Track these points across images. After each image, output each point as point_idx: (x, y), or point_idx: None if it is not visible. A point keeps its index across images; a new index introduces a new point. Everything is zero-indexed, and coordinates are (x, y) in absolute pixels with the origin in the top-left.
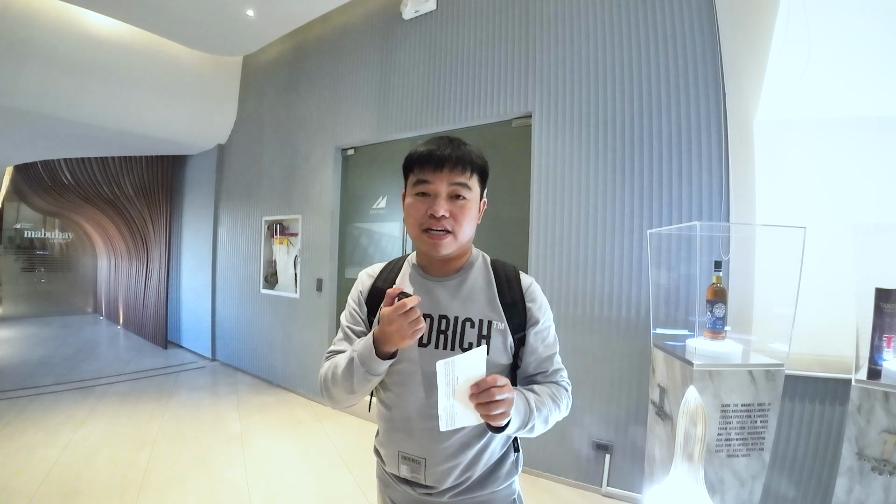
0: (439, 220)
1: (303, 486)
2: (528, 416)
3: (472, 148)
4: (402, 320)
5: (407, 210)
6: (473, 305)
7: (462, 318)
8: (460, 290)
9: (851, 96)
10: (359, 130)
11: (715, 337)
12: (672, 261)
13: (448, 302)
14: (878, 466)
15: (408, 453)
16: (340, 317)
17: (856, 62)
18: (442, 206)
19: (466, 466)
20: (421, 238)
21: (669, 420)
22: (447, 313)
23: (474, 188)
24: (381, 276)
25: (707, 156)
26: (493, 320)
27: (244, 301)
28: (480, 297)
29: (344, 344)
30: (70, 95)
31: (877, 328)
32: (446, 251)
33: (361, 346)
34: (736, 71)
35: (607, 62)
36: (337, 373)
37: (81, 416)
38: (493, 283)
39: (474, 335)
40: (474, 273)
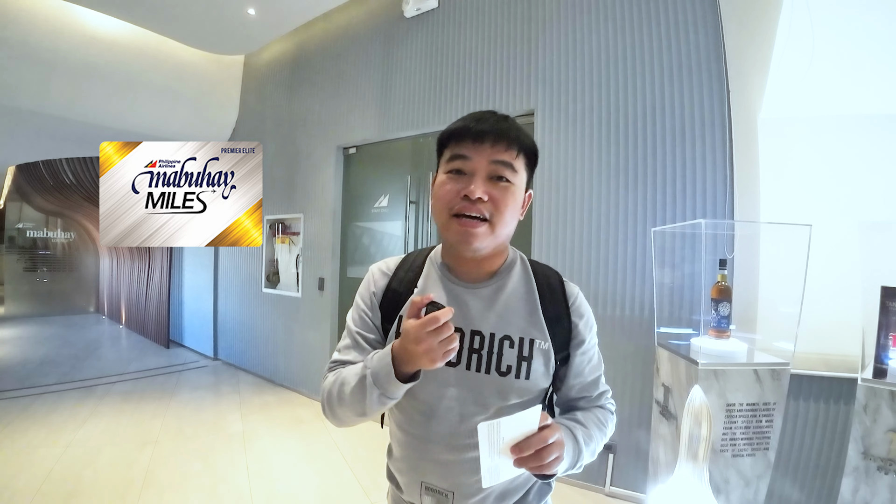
0: (474, 204)
1: (305, 486)
2: (577, 456)
3: (520, 128)
4: (433, 339)
5: (436, 191)
6: (512, 320)
7: (499, 336)
8: (496, 299)
9: (856, 93)
10: (360, 129)
11: (720, 336)
12: (676, 259)
13: (482, 314)
14: (884, 466)
15: (433, 485)
16: (347, 317)
17: (860, 59)
18: (480, 187)
19: (500, 496)
20: (450, 225)
21: (674, 419)
22: (481, 329)
23: (520, 171)
24: (397, 274)
25: (711, 153)
26: (535, 338)
27: (246, 300)
28: (520, 309)
29: (352, 353)
30: (71, 95)
31: (883, 326)
32: (480, 244)
33: (377, 364)
34: (740, 68)
35: (610, 59)
36: (344, 391)
37: (83, 416)
38: (534, 291)
39: (513, 356)
40: (513, 279)
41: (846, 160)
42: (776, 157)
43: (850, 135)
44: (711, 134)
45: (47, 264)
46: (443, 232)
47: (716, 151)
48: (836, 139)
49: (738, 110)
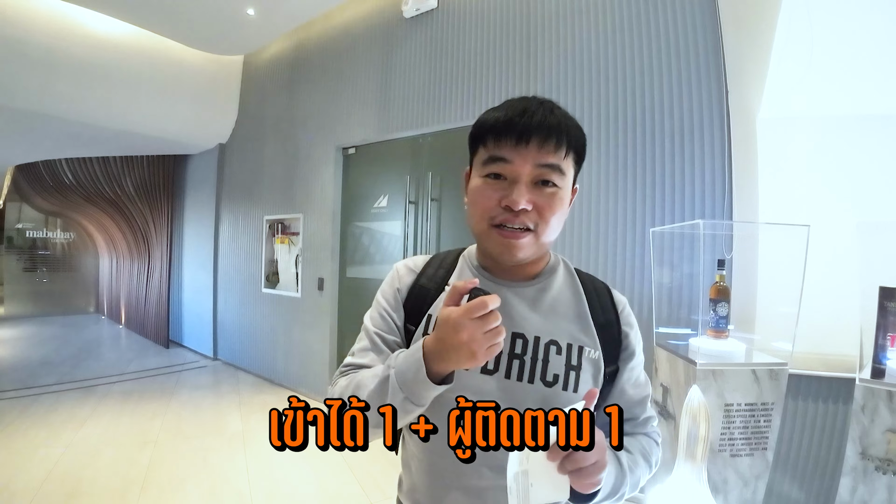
0: (518, 216)
1: (304, 486)
2: (620, 482)
3: (567, 114)
4: (477, 328)
5: (472, 196)
6: (560, 323)
7: (545, 340)
8: (541, 300)
9: (855, 93)
10: (360, 129)
11: (718, 336)
12: (675, 259)
13: (525, 315)
14: (882, 466)
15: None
16: (364, 318)
17: (859, 58)
18: (523, 196)
19: None
20: (489, 235)
21: (672, 419)
22: (524, 331)
23: (568, 172)
24: (425, 271)
25: (710, 153)
26: (585, 346)
27: (246, 300)
28: (569, 312)
29: (369, 356)
30: (71, 95)
31: (881, 327)
32: (523, 255)
33: (404, 362)
34: (738, 68)
35: (609, 60)
36: (360, 395)
37: (83, 416)
38: (582, 295)
39: (561, 365)
40: (558, 280)
41: (845, 160)
42: (775, 157)
43: (849, 135)
44: (710, 134)
45: (47, 264)
46: (480, 240)
47: (714, 151)
48: (834, 139)
49: (736, 110)
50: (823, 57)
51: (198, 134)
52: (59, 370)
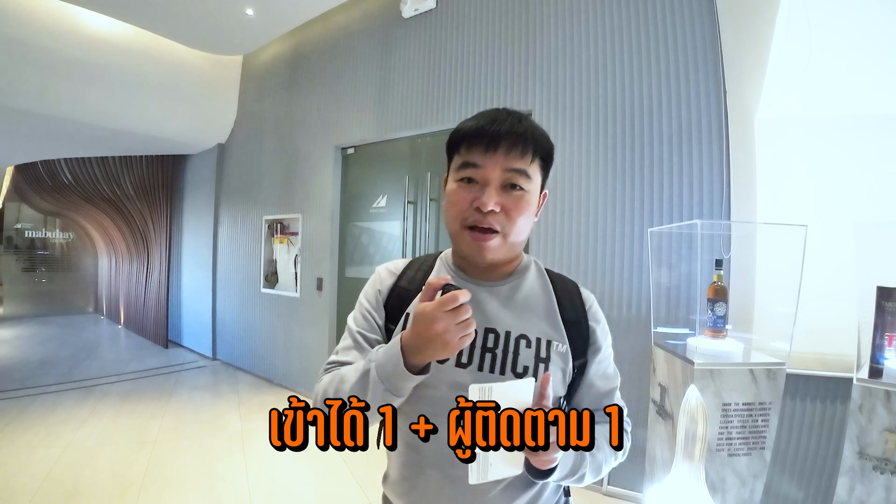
0: (486, 216)
1: (303, 486)
2: (579, 463)
3: (534, 124)
4: (450, 320)
5: (448, 199)
6: (530, 319)
7: (515, 335)
8: (513, 298)
9: (853, 93)
10: (359, 129)
11: (716, 335)
12: (673, 259)
13: (498, 312)
14: (880, 465)
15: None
16: (348, 319)
17: (857, 59)
18: (492, 198)
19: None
20: (462, 236)
21: (670, 419)
22: (496, 326)
23: (535, 177)
24: (405, 274)
25: (708, 153)
26: (553, 340)
27: (245, 300)
28: (538, 309)
29: (352, 354)
30: (70, 95)
31: (878, 327)
32: (493, 256)
33: (383, 356)
34: (737, 68)
35: (608, 60)
36: (343, 389)
37: (82, 416)
38: (552, 293)
39: (531, 357)
40: (529, 280)
41: (842, 160)
42: (773, 157)
43: (847, 135)
44: (708, 134)
45: (46, 264)
46: (454, 241)
47: (712, 152)
48: (832, 139)
49: (734, 111)
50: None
51: (197, 134)
52: (58, 370)
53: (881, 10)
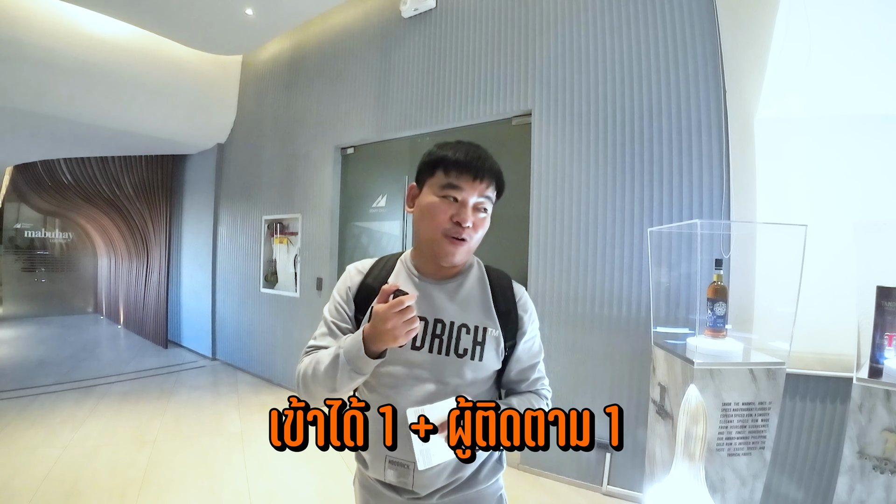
0: (463, 230)
1: (303, 486)
2: None
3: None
4: (397, 319)
5: (428, 209)
6: (469, 311)
7: (458, 324)
8: (457, 294)
9: (853, 93)
10: (358, 129)
11: (716, 335)
12: (673, 259)
13: (444, 305)
14: (880, 465)
15: (396, 458)
16: (323, 310)
17: (857, 59)
18: (470, 217)
19: (456, 468)
20: (439, 241)
21: (670, 419)
22: (443, 317)
23: (491, 204)
24: (371, 272)
25: (707, 153)
26: (488, 327)
27: (244, 300)
28: (476, 303)
29: (327, 339)
30: (69, 95)
31: (878, 326)
32: (459, 259)
33: (349, 344)
34: (736, 68)
35: (607, 60)
36: (319, 369)
37: (82, 416)
38: (488, 289)
39: (469, 341)
40: (471, 278)
41: (842, 160)
42: (772, 157)
43: (847, 135)
44: (708, 134)
45: (45, 264)
46: (429, 245)
47: (712, 151)
48: (832, 139)
49: (734, 110)
50: (821, 57)
51: (196, 134)
52: (58, 370)
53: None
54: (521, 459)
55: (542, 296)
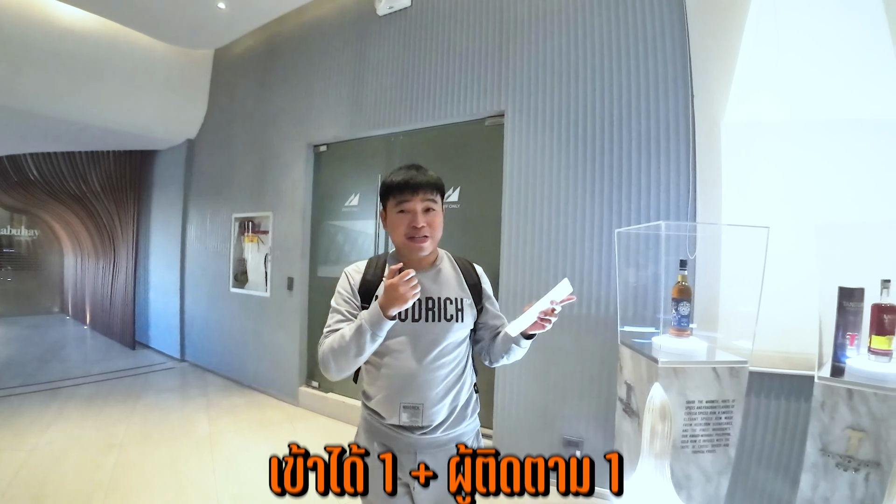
0: (420, 230)
1: None
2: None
3: (431, 172)
4: (406, 286)
5: (392, 224)
6: (448, 288)
7: (443, 298)
8: (438, 278)
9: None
10: (331, 127)
11: (680, 334)
12: (640, 260)
13: (431, 287)
14: (843, 462)
15: (409, 402)
16: (332, 304)
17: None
18: (421, 219)
19: (451, 402)
20: (406, 244)
21: (636, 416)
22: (432, 295)
23: (438, 202)
24: (367, 271)
25: (675, 156)
26: (463, 298)
27: (214, 300)
28: (452, 282)
29: (343, 324)
30: (36, 88)
31: (840, 326)
32: (427, 252)
33: (369, 314)
34: (705, 73)
35: (579, 63)
36: (344, 340)
37: (48, 419)
38: (459, 272)
39: (453, 309)
40: (445, 266)
41: (806, 164)
42: (738, 160)
43: (809, 139)
44: (676, 137)
45: (11, 263)
46: (401, 248)
47: (679, 154)
48: (796, 143)
49: (701, 114)
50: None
51: (166, 129)
52: (24, 372)
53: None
54: None
55: (514, 295)
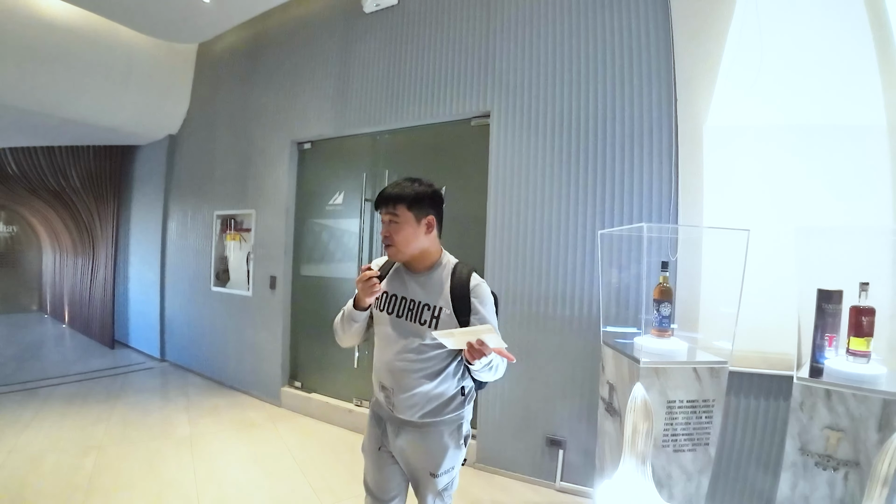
0: (385, 238)
1: (255, 490)
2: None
3: (407, 186)
4: (363, 285)
5: None
6: (431, 295)
7: (422, 303)
8: (426, 283)
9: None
10: (316, 124)
11: (661, 335)
12: (622, 261)
13: (415, 290)
14: (822, 462)
15: (384, 384)
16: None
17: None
18: (385, 230)
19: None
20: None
21: (618, 416)
22: (414, 298)
23: (403, 214)
24: (382, 267)
25: (658, 159)
26: (443, 307)
27: (194, 299)
28: (437, 290)
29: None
30: (15, 81)
31: (819, 327)
32: (395, 257)
33: (348, 304)
34: (688, 77)
35: (564, 65)
36: (338, 319)
37: (26, 420)
38: (448, 281)
39: (428, 315)
40: (438, 273)
41: (786, 168)
42: (720, 164)
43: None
44: (658, 140)
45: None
46: None
47: (662, 157)
48: (776, 148)
49: (684, 118)
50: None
51: (147, 124)
52: (1, 371)
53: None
54: (477, 458)
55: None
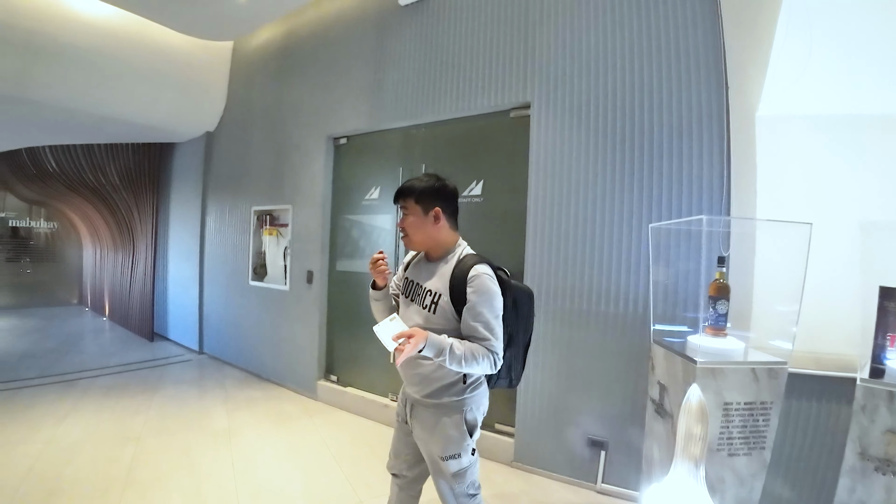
0: (401, 229)
1: (291, 483)
2: (440, 351)
3: (416, 181)
4: (372, 267)
5: None
6: (436, 282)
7: (427, 288)
8: (436, 271)
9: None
10: (351, 119)
11: (717, 334)
12: (672, 256)
13: (426, 276)
14: (882, 466)
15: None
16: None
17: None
18: (399, 221)
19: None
20: None
21: (669, 418)
22: (422, 283)
23: (411, 207)
24: (413, 257)
25: (708, 150)
26: (442, 294)
27: (232, 293)
28: (442, 278)
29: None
30: (54, 80)
31: (881, 327)
32: (409, 246)
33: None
34: (739, 65)
35: (608, 53)
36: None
37: (64, 411)
38: (452, 270)
39: (429, 300)
40: (448, 263)
41: (844, 159)
42: (773, 154)
43: (849, 134)
44: (709, 130)
45: (30, 255)
46: None
47: (713, 147)
48: (833, 137)
49: (736, 107)
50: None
51: (184, 121)
52: (41, 363)
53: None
54: (514, 457)
55: (538, 291)
